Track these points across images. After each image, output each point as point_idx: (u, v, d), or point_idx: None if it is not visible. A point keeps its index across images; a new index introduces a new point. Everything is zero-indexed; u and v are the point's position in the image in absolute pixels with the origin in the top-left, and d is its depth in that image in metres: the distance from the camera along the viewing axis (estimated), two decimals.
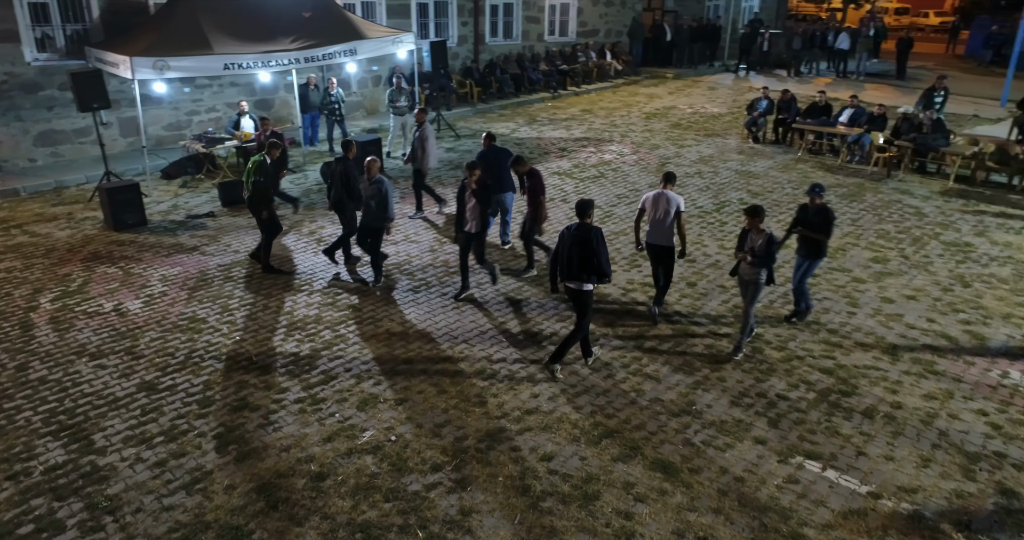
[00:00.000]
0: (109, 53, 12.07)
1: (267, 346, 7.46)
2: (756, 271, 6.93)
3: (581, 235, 6.48)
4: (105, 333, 7.71)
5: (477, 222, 8.12)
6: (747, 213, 6.90)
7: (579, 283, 6.58)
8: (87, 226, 10.88)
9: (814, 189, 7.56)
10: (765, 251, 6.83)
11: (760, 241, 6.86)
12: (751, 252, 6.89)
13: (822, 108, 14.91)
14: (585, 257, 6.46)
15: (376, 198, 8.47)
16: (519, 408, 6.39)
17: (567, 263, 6.56)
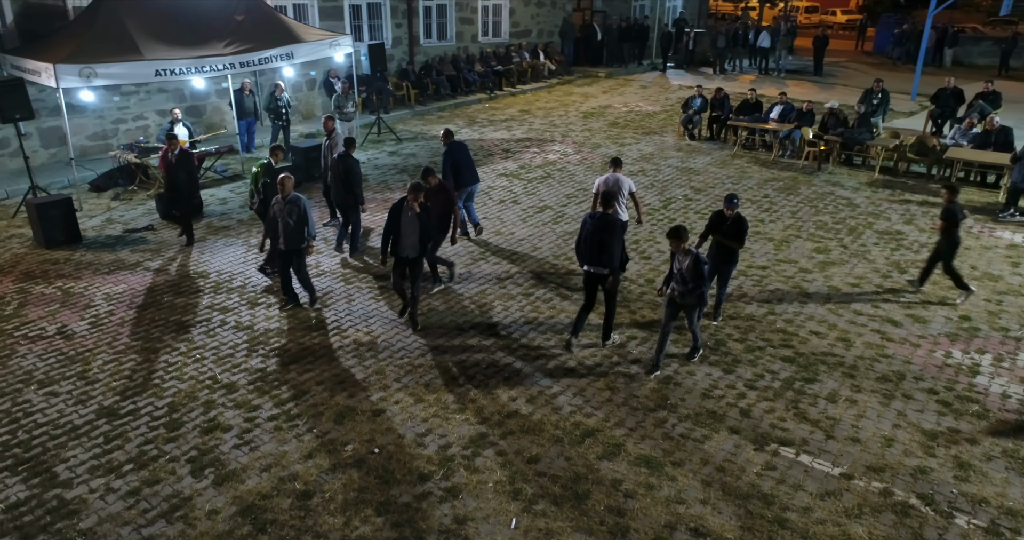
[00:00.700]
0: (28, 60, 11.43)
1: (231, 363, 7.23)
2: (690, 298, 6.71)
3: (603, 224, 7.04)
4: (52, 358, 7.31)
5: (415, 248, 7.54)
6: (670, 236, 6.59)
7: (599, 268, 7.12)
8: (14, 244, 10.27)
9: (731, 200, 7.41)
10: (694, 272, 6.57)
11: (687, 262, 6.59)
12: (680, 275, 6.66)
13: (753, 105, 15.47)
14: (605, 244, 7.03)
15: (295, 216, 7.78)
16: (498, 412, 6.41)
17: (588, 249, 7.12)
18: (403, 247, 7.52)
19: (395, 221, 7.48)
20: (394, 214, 7.49)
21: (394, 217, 7.48)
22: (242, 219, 11.25)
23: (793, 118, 14.72)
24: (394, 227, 7.49)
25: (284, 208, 7.85)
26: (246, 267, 9.51)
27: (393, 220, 7.49)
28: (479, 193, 12.42)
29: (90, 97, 12.59)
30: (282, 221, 7.83)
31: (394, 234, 7.52)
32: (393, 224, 7.49)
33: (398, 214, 7.47)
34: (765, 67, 24.89)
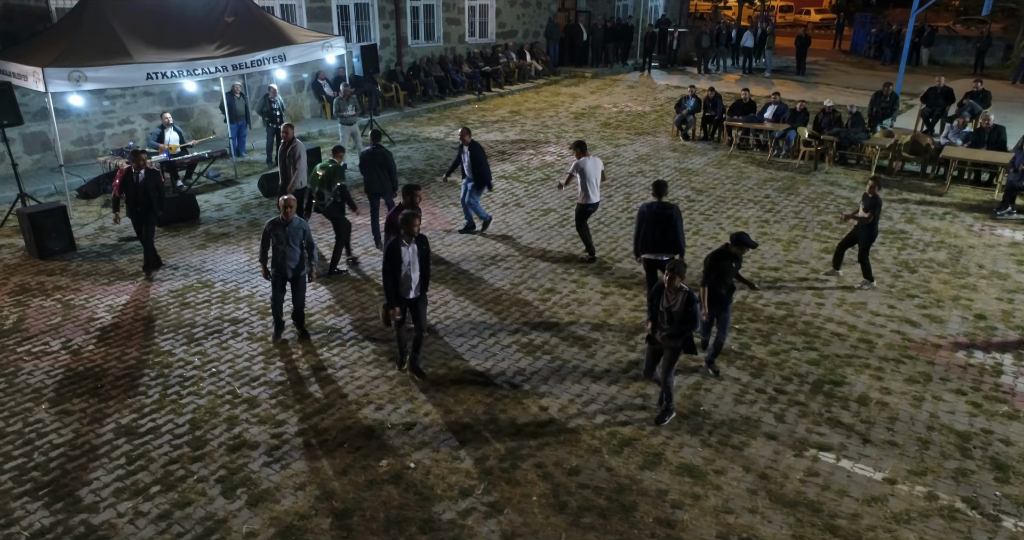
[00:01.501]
0: (13, 64, 11.04)
1: (248, 376, 7.02)
2: (677, 341, 6.05)
3: (661, 212, 7.38)
4: (60, 375, 7.03)
5: (419, 286, 6.70)
6: (670, 270, 5.82)
7: (658, 254, 7.49)
8: (5, 255, 9.91)
9: (744, 240, 6.42)
10: (684, 313, 5.87)
11: (678, 301, 5.89)
12: (667, 314, 5.96)
13: (747, 105, 15.54)
14: (664, 232, 7.39)
15: (305, 240, 7.29)
16: (531, 422, 6.30)
17: (652, 237, 7.44)
18: (405, 288, 6.62)
19: (397, 261, 6.47)
20: (393, 254, 6.47)
21: (394, 258, 6.47)
22: (240, 225, 10.99)
23: (787, 118, 14.80)
24: (396, 268, 6.51)
25: (289, 232, 7.21)
26: (251, 276, 9.27)
27: (394, 261, 6.47)
28: (486, 196, 12.29)
29: (79, 102, 12.21)
30: (289, 246, 7.20)
31: (392, 276, 6.52)
32: (395, 265, 6.49)
33: (398, 253, 6.48)
34: (749, 67, 25.07)
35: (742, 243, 6.43)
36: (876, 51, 30.11)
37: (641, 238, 7.62)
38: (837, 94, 20.24)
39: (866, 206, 8.59)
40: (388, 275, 6.49)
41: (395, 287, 6.55)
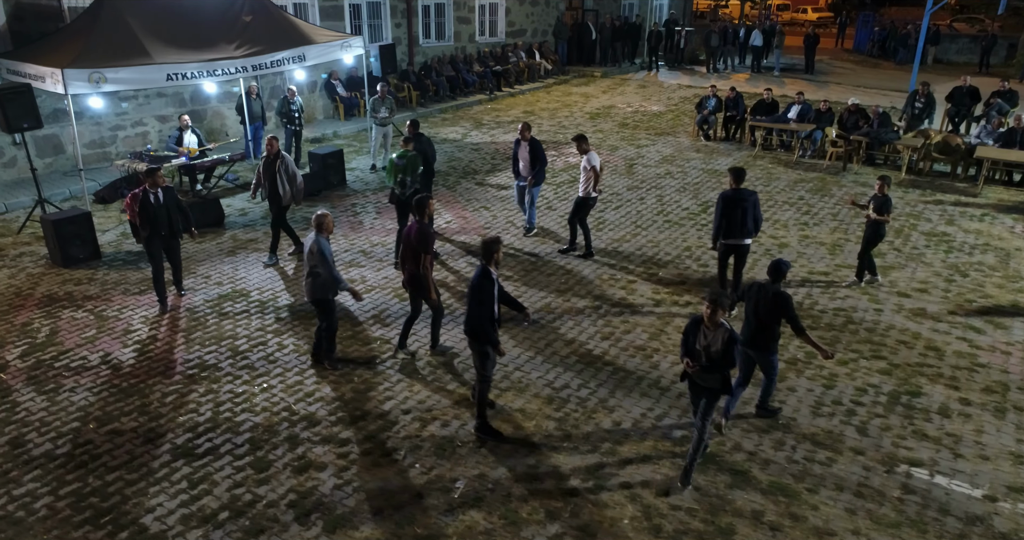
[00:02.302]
0: (29, 65, 10.66)
1: (302, 391, 6.73)
2: (712, 376, 5.33)
3: (739, 198, 7.72)
4: (104, 391, 6.71)
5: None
6: (710, 302, 5.16)
7: (738, 239, 7.83)
8: (27, 263, 9.54)
9: (780, 267, 5.92)
10: (723, 353, 5.19)
11: (718, 339, 5.21)
12: (704, 354, 5.25)
13: (769, 105, 15.36)
14: (743, 218, 7.72)
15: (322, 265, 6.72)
16: (606, 439, 6.05)
17: (730, 222, 7.75)
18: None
19: (491, 293, 5.83)
20: (488, 286, 5.78)
21: (488, 289, 5.78)
22: (267, 230, 10.64)
23: (812, 118, 14.63)
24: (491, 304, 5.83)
25: (311, 257, 6.69)
26: (287, 283, 8.97)
27: (487, 292, 5.78)
28: (509, 199, 12.04)
29: (99, 104, 11.85)
30: (310, 271, 6.73)
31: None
32: (489, 299, 5.80)
33: (492, 285, 5.81)
34: (758, 66, 24.93)
35: (779, 272, 5.91)
36: (879, 49, 30.10)
37: (725, 224, 7.88)
38: (849, 93, 20.08)
39: (876, 206, 8.47)
40: (488, 315, 5.77)
41: (494, 324, 5.86)
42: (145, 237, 8.02)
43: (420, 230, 6.84)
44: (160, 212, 7.96)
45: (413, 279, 7.03)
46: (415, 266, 6.95)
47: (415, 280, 7.01)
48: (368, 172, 13.54)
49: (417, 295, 7.16)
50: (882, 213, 8.48)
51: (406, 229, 7.07)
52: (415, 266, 6.95)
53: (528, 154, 9.89)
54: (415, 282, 7.02)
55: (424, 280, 6.95)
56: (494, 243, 5.84)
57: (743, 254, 8.14)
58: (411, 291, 7.21)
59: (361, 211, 11.52)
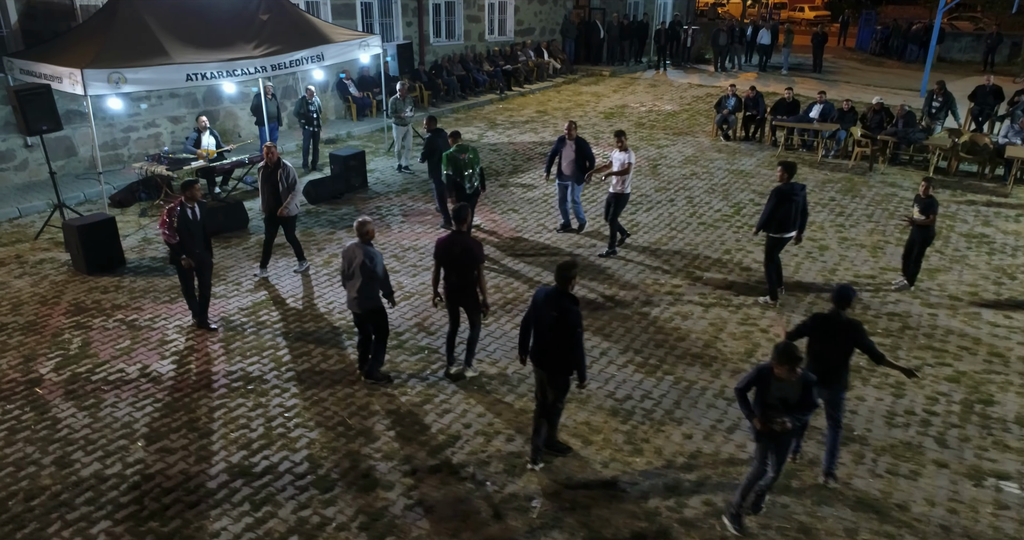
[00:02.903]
0: (44, 65, 10.31)
1: (355, 404, 6.47)
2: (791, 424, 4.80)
3: (793, 192, 7.83)
4: (148, 406, 6.43)
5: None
6: (781, 357, 4.62)
7: (784, 233, 8.01)
8: (48, 270, 9.22)
9: (847, 294, 5.38)
10: (802, 400, 4.77)
11: (795, 392, 4.75)
12: (782, 405, 4.75)
13: (790, 104, 15.19)
14: (794, 211, 7.88)
15: (373, 272, 6.44)
16: (679, 452, 5.84)
17: (782, 216, 7.90)
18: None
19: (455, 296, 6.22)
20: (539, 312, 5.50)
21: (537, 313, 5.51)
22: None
23: (835, 117, 14.49)
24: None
25: (363, 266, 6.38)
26: (322, 290, 8.70)
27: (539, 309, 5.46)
28: (545, 201, 11.82)
29: (118, 105, 11.52)
30: (364, 281, 6.38)
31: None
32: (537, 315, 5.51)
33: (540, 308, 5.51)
34: (765, 64, 24.81)
35: (847, 299, 5.34)
36: (882, 48, 30.07)
37: (768, 216, 7.99)
38: (859, 91, 19.97)
39: (922, 208, 8.32)
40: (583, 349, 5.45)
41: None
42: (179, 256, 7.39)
43: (464, 242, 6.40)
44: (196, 228, 7.43)
45: (459, 293, 6.61)
46: (460, 279, 6.52)
47: (462, 294, 6.61)
48: (394, 172, 13.25)
49: (465, 308, 6.72)
50: (928, 215, 8.33)
51: (444, 241, 6.52)
52: (460, 279, 6.52)
53: (574, 153, 9.70)
54: (462, 296, 6.62)
55: (476, 294, 6.59)
56: (572, 268, 5.35)
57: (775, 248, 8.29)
58: (453, 305, 6.74)
59: (387, 214, 11.25)
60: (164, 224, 7.26)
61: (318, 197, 11.68)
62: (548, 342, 5.35)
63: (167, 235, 7.28)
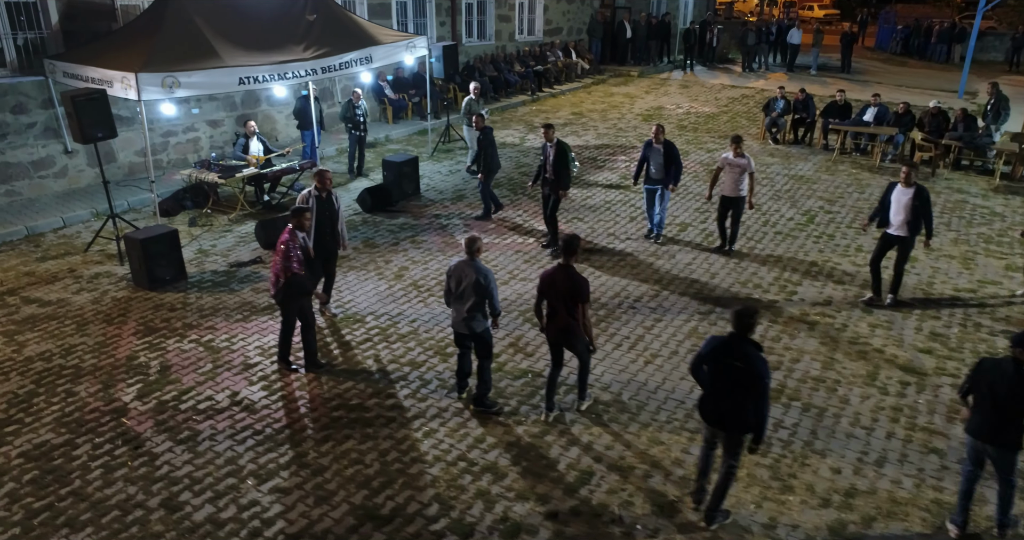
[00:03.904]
0: (92, 68, 9.84)
1: (470, 436, 6.03)
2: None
3: (916, 194, 7.87)
4: (249, 439, 5.99)
5: None
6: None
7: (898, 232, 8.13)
8: (106, 285, 8.75)
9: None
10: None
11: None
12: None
13: (842, 107, 14.84)
14: (917, 210, 7.96)
15: (480, 288, 6.03)
16: (834, 488, 5.45)
17: (887, 215, 8.10)
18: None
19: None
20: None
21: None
22: (356, 247, 9.92)
23: (891, 120, 14.15)
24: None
25: (474, 276, 5.99)
26: (400, 306, 8.27)
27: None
28: (604, 208, 11.42)
29: (171, 110, 11.03)
30: (473, 295, 6.00)
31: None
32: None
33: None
34: (792, 64, 24.47)
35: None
36: (902, 47, 29.81)
37: (880, 212, 8.15)
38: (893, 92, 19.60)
39: None
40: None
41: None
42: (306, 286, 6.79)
43: (570, 276, 5.86)
44: (307, 256, 6.98)
45: (563, 331, 6.02)
46: (565, 316, 5.95)
47: (566, 332, 6.02)
48: (443, 177, 12.81)
49: (568, 346, 6.14)
50: None
51: (549, 274, 5.99)
52: (565, 316, 5.95)
53: (663, 157, 9.42)
54: (566, 334, 6.03)
55: (581, 331, 6.00)
56: (753, 314, 4.88)
57: (905, 248, 8.15)
58: (556, 343, 6.17)
59: (448, 223, 10.82)
60: (278, 261, 6.56)
61: (374, 205, 11.23)
62: (728, 396, 4.82)
63: (296, 268, 6.59)
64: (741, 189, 9.29)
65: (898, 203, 8.05)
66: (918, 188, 7.97)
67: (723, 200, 9.47)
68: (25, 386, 6.69)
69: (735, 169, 9.24)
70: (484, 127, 10.64)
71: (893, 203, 8.11)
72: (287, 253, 6.52)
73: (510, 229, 10.55)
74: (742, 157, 9.17)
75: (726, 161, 9.33)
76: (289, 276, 6.55)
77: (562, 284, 5.86)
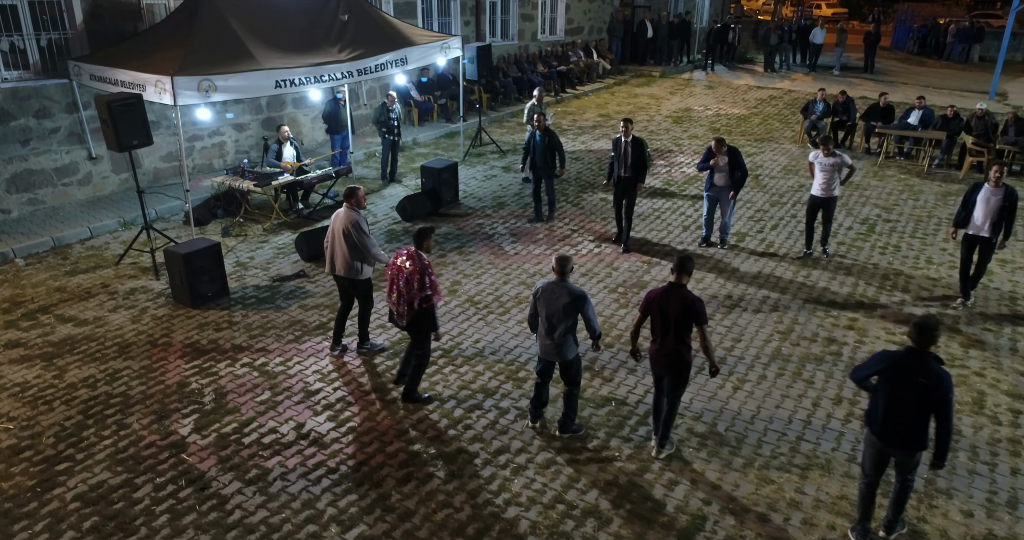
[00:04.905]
0: (123, 71, 9.34)
1: (563, 474, 5.57)
2: None
3: (1007, 195, 7.71)
4: (323, 478, 5.51)
5: None
6: None
7: (979, 232, 8.00)
8: (144, 302, 8.25)
9: None
10: None
11: None
12: None
13: (884, 110, 14.43)
14: (1004, 211, 7.80)
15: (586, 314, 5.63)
16: (968, 534, 5.01)
17: (970, 216, 7.97)
18: None
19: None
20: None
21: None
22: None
23: (938, 124, 13.73)
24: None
25: (567, 298, 5.57)
26: (460, 324, 7.80)
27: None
28: (653, 216, 10.97)
29: (207, 115, 10.51)
30: (565, 319, 5.58)
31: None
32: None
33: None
34: (814, 64, 24.06)
35: None
36: (919, 47, 29.44)
37: (963, 213, 7.99)
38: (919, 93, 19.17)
39: None
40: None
41: None
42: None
43: (684, 297, 5.36)
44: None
45: (671, 357, 5.50)
46: (676, 341, 5.44)
47: (673, 358, 5.50)
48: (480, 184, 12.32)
49: (672, 374, 5.59)
50: None
51: (658, 294, 5.46)
52: (676, 341, 5.44)
53: (727, 165, 9.03)
54: (674, 360, 5.52)
55: (690, 358, 5.55)
56: (937, 327, 4.57)
57: (988, 249, 8.01)
58: (660, 371, 5.63)
59: (492, 233, 10.35)
60: (436, 285, 6.11)
61: (414, 214, 10.75)
62: (909, 414, 4.59)
63: (438, 297, 6.18)
64: (834, 189, 9.05)
65: (986, 204, 7.86)
66: (1008, 189, 7.73)
67: (812, 201, 9.21)
68: (72, 417, 6.20)
69: (827, 169, 8.97)
70: (545, 127, 10.31)
71: (979, 204, 7.91)
72: (423, 278, 5.99)
73: (560, 240, 10.09)
74: (833, 155, 8.93)
75: (816, 161, 9.07)
76: (428, 306, 6.10)
77: (675, 305, 5.37)
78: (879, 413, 4.68)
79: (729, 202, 9.38)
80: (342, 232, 6.77)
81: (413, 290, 6.03)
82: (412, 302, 6.08)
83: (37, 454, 5.73)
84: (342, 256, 6.86)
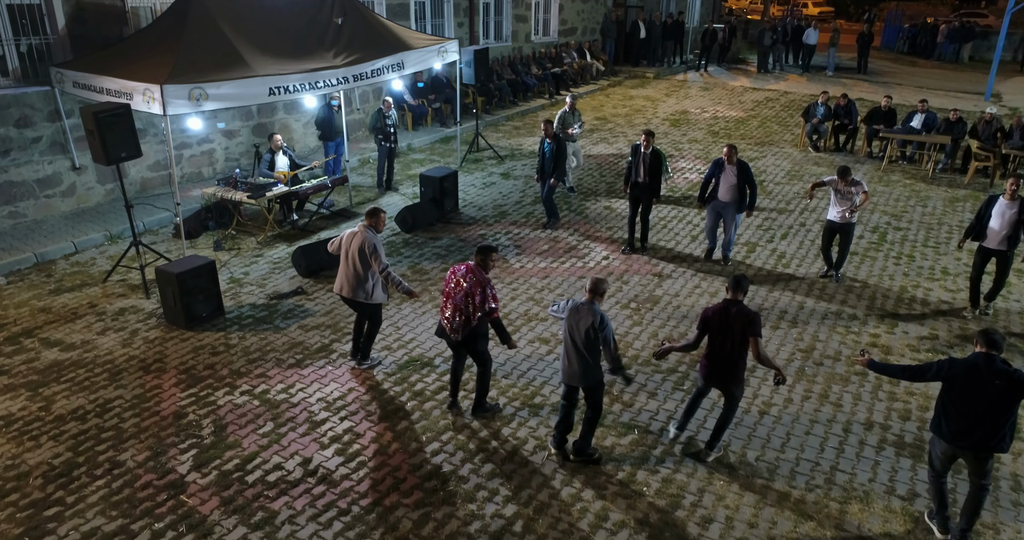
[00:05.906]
0: (109, 79, 8.88)
1: (591, 513, 5.27)
2: None
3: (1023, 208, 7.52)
4: (334, 521, 5.15)
5: None
6: None
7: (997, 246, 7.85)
8: (135, 323, 7.84)
9: None
10: None
11: None
12: None
13: (887, 113, 14.24)
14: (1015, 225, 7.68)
15: (607, 339, 5.39)
16: None
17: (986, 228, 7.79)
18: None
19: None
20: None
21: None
22: (404, 273, 9.09)
23: (942, 128, 13.56)
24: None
25: (591, 320, 5.34)
26: None
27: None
28: (659, 226, 10.67)
29: (198, 125, 10.08)
30: (587, 342, 5.35)
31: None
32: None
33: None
34: (807, 64, 23.91)
35: None
36: (909, 47, 29.42)
37: (977, 225, 7.83)
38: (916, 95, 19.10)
39: None
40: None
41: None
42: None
43: (743, 311, 5.36)
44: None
45: (728, 368, 5.49)
46: (733, 354, 5.42)
47: (729, 369, 5.50)
48: (479, 192, 11.97)
49: (728, 387, 5.60)
50: None
51: (717, 310, 5.42)
52: (733, 354, 5.42)
53: (736, 178, 8.74)
54: (729, 371, 5.52)
55: (743, 371, 5.57)
56: (998, 332, 4.80)
57: (1006, 263, 7.86)
58: (715, 383, 5.65)
59: (496, 244, 10.00)
60: (496, 299, 5.94)
61: (415, 224, 10.38)
62: (985, 418, 4.68)
63: (497, 312, 6.00)
64: (852, 216, 8.62)
65: (1001, 217, 7.69)
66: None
67: (830, 226, 8.78)
68: (61, 454, 5.79)
69: (846, 198, 8.55)
70: (554, 134, 10.16)
71: (994, 217, 7.74)
72: (484, 291, 5.81)
73: (566, 251, 9.77)
74: (856, 183, 8.54)
75: (834, 186, 8.63)
76: (491, 318, 5.96)
77: (736, 320, 5.36)
78: (952, 419, 4.76)
79: (734, 218, 9.02)
80: (357, 252, 6.46)
81: (472, 305, 5.80)
82: (470, 318, 5.85)
83: (24, 498, 5.33)
84: (353, 278, 6.56)
